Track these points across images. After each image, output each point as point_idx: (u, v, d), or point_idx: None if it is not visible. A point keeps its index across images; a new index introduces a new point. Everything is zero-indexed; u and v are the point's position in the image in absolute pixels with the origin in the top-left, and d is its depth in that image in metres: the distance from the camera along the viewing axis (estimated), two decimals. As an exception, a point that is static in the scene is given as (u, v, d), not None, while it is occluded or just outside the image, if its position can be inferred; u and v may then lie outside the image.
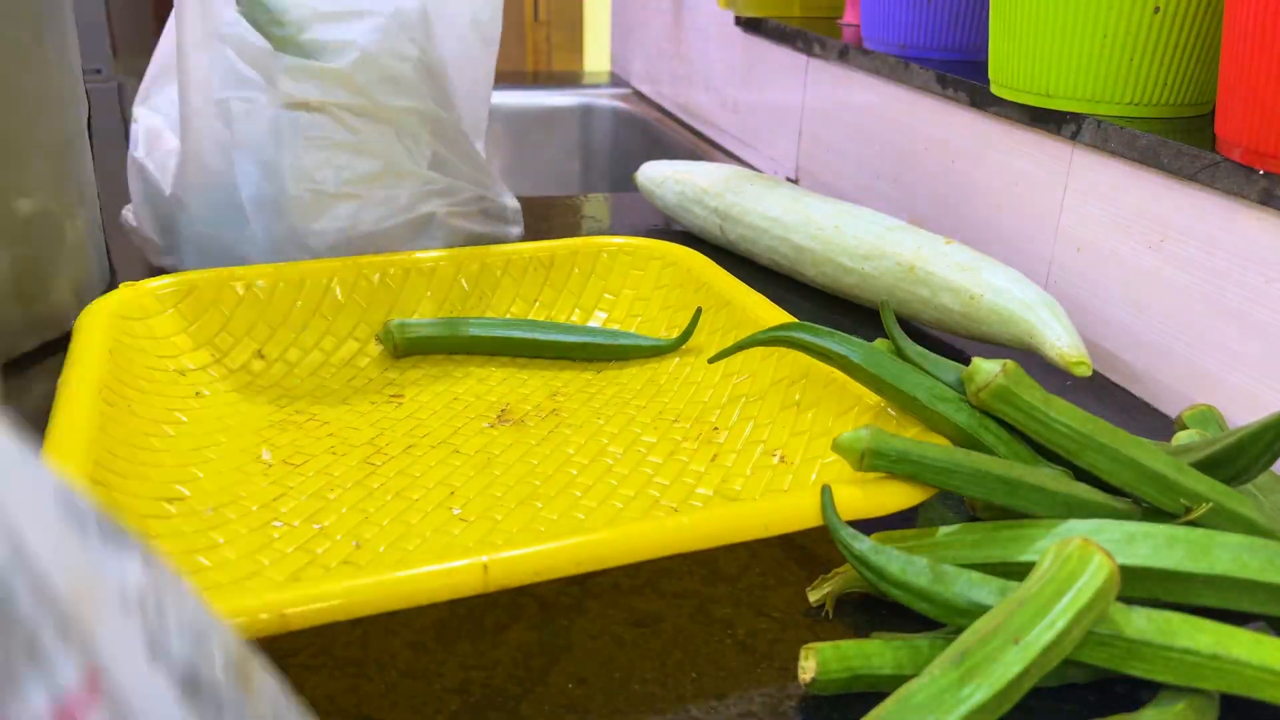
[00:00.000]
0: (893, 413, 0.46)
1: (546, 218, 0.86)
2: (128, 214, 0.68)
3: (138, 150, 0.66)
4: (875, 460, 0.39)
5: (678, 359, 0.59)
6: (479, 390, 0.56)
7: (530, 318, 0.63)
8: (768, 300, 0.57)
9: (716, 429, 0.52)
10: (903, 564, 0.36)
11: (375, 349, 0.58)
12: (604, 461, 0.49)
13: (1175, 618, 0.34)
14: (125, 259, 0.68)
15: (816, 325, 0.47)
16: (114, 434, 0.42)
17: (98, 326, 0.49)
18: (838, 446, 0.39)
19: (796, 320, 0.52)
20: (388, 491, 0.45)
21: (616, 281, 0.65)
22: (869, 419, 0.46)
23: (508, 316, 0.62)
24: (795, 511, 0.38)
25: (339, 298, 0.59)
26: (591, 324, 0.63)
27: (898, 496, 0.39)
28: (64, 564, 0.14)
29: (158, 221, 0.65)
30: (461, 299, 0.62)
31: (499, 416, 0.53)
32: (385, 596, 0.32)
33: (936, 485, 0.39)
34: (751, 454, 0.49)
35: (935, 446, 0.40)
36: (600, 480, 0.47)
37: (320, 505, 0.44)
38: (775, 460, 0.48)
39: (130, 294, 0.53)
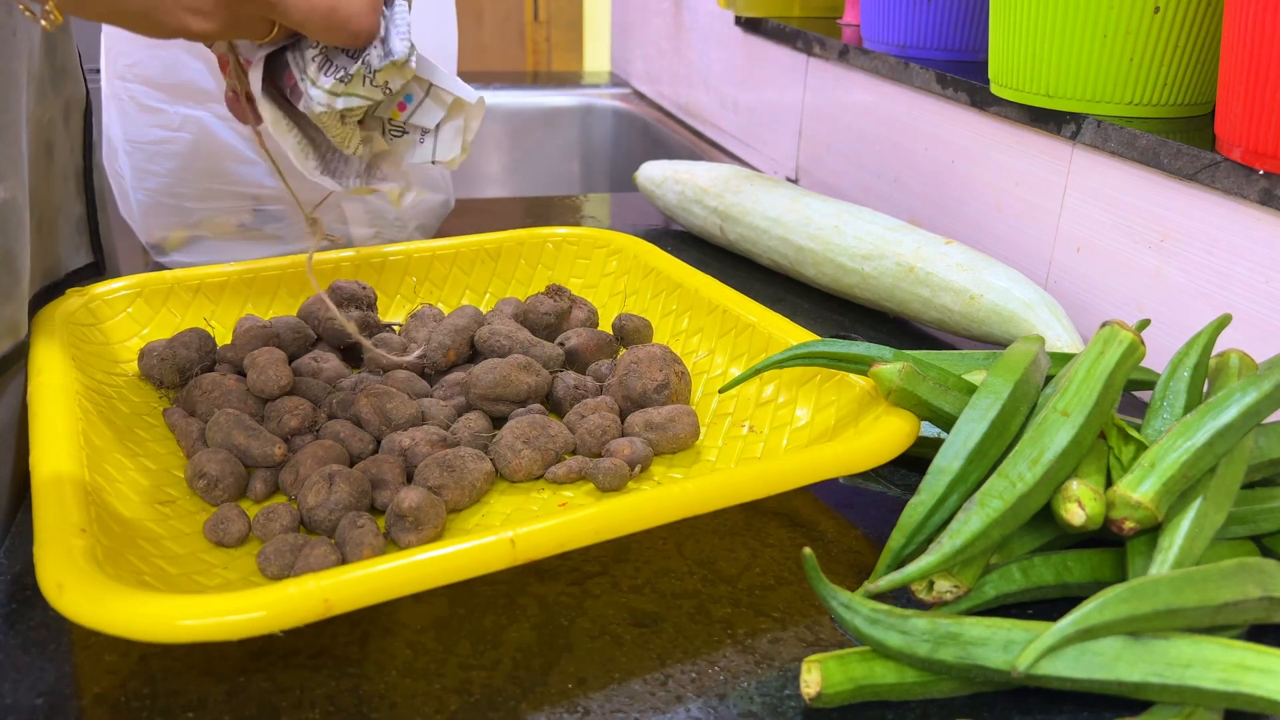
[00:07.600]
0: (858, 380, 0.47)
1: (546, 218, 0.86)
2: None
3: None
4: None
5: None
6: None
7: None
8: (716, 280, 0.59)
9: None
10: (901, 634, 0.35)
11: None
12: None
13: (1186, 649, 0.33)
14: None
15: (834, 339, 0.49)
16: (96, 442, 0.42)
17: (54, 333, 0.48)
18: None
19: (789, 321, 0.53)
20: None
21: (564, 271, 0.65)
22: (833, 386, 0.48)
23: (463, 303, 0.63)
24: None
25: (289, 297, 0.59)
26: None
27: (882, 446, 0.42)
28: None
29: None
30: (411, 291, 0.62)
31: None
32: (420, 576, 0.33)
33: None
34: (721, 426, 0.51)
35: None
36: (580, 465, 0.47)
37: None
38: (745, 431, 0.50)
39: (80, 300, 0.53)
